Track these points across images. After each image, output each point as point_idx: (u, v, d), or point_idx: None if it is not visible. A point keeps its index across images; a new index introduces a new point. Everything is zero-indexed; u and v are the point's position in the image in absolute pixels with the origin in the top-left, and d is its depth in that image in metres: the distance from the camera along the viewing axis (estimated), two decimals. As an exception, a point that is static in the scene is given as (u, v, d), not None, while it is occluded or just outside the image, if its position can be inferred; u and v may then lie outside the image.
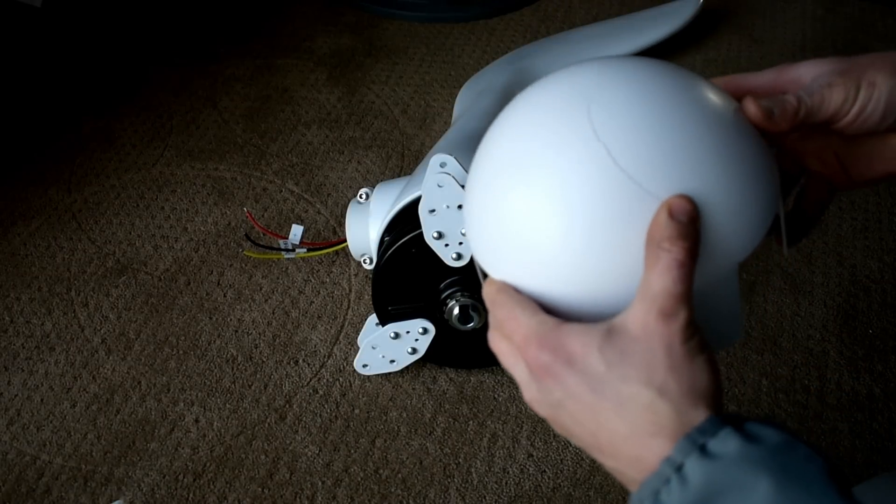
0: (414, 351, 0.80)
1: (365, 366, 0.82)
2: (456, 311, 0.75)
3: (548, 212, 0.37)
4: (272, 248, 0.94)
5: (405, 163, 1.10)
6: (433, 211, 0.69)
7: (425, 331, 0.78)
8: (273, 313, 0.91)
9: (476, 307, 0.75)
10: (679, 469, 0.33)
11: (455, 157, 0.70)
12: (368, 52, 1.32)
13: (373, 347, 0.80)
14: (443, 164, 0.69)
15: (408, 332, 0.78)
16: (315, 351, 0.87)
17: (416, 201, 0.71)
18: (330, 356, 0.86)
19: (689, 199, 0.36)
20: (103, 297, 0.93)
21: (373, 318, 0.82)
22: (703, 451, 0.33)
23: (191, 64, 1.30)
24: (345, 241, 0.86)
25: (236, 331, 0.89)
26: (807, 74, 0.44)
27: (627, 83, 0.39)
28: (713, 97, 0.40)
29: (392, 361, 0.81)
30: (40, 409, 0.82)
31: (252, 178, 1.09)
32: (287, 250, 0.91)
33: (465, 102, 1.13)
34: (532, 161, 0.38)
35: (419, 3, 1.40)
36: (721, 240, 0.37)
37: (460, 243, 0.71)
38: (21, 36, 1.37)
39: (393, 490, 0.75)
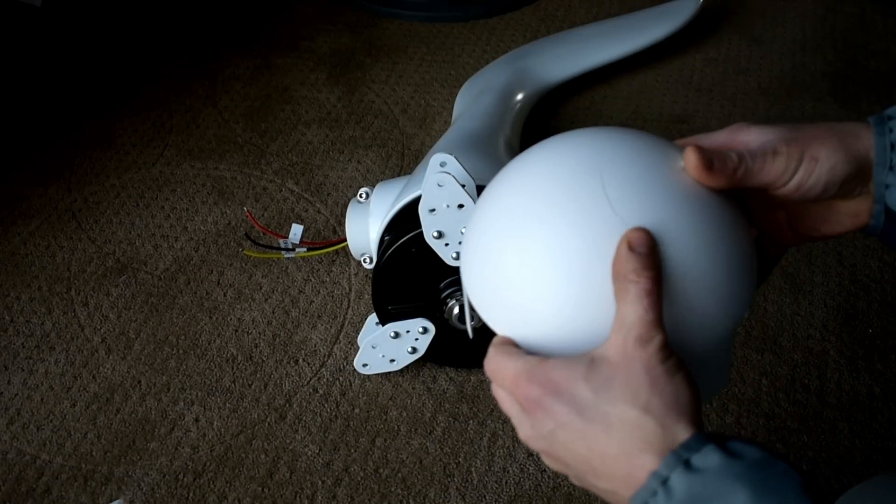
0: (414, 350, 0.80)
1: (365, 365, 0.82)
2: (456, 310, 0.75)
3: (546, 269, 0.40)
4: (272, 248, 0.94)
5: (405, 162, 1.10)
6: (433, 210, 0.69)
7: (425, 330, 0.78)
8: (273, 313, 0.91)
9: None
10: (665, 482, 0.35)
11: (455, 157, 0.70)
12: (368, 52, 1.32)
13: (373, 347, 0.80)
14: (443, 164, 0.69)
15: (408, 332, 0.78)
16: (315, 350, 0.87)
17: (416, 201, 0.71)
18: (330, 356, 0.86)
19: (646, 231, 0.39)
20: (103, 297, 0.93)
21: (373, 318, 0.82)
22: (687, 465, 0.35)
23: (191, 63, 1.30)
24: (345, 240, 0.86)
25: (236, 330, 0.89)
26: (756, 140, 0.45)
27: (635, 162, 0.42)
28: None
29: (392, 361, 0.81)
30: (40, 408, 0.82)
31: (252, 177, 1.09)
32: (287, 250, 0.91)
33: (465, 102, 1.13)
34: (548, 223, 0.41)
35: (419, 2, 1.40)
36: (716, 311, 0.40)
37: (460, 242, 0.71)
38: (21, 35, 1.37)
39: (393, 489, 0.75)
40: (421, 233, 0.71)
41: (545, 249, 0.40)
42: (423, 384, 0.83)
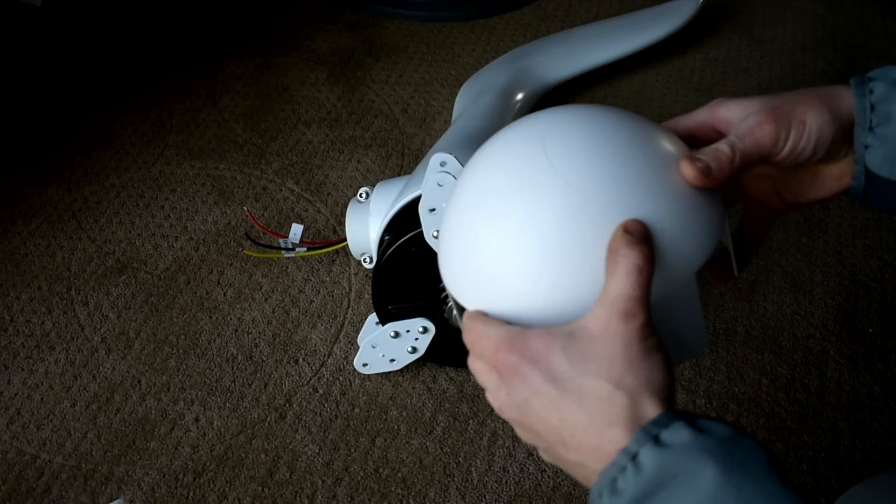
0: (414, 350, 0.80)
1: (365, 364, 0.82)
2: (456, 309, 0.75)
3: (515, 239, 0.41)
4: (272, 248, 0.94)
5: (405, 162, 1.10)
6: (433, 210, 0.69)
7: (425, 330, 0.78)
8: (273, 312, 0.91)
9: None
10: (634, 458, 0.35)
11: (455, 156, 0.69)
12: (368, 52, 1.32)
13: (373, 346, 0.80)
14: (443, 164, 0.69)
15: (408, 331, 0.78)
16: (315, 350, 0.87)
17: (417, 200, 0.71)
18: (330, 355, 0.86)
19: (641, 222, 0.39)
20: (103, 297, 0.93)
21: (373, 317, 0.82)
22: (656, 441, 0.35)
23: (191, 63, 1.30)
24: (345, 240, 0.86)
25: (236, 330, 0.89)
26: (738, 114, 0.45)
27: (579, 125, 0.43)
28: (661, 137, 0.44)
29: (392, 360, 0.81)
30: (40, 408, 0.82)
31: (252, 177, 1.09)
32: (287, 249, 0.91)
33: (465, 101, 1.13)
34: (498, 194, 0.42)
35: (419, 2, 1.40)
36: (672, 254, 0.40)
37: None
38: (21, 35, 1.37)
39: (393, 489, 0.75)
40: (421, 232, 0.71)
41: (515, 225, 0.41)
42: (423, 384, 0.83)
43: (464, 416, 0.80)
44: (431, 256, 0.72)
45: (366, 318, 0.85)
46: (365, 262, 0.83)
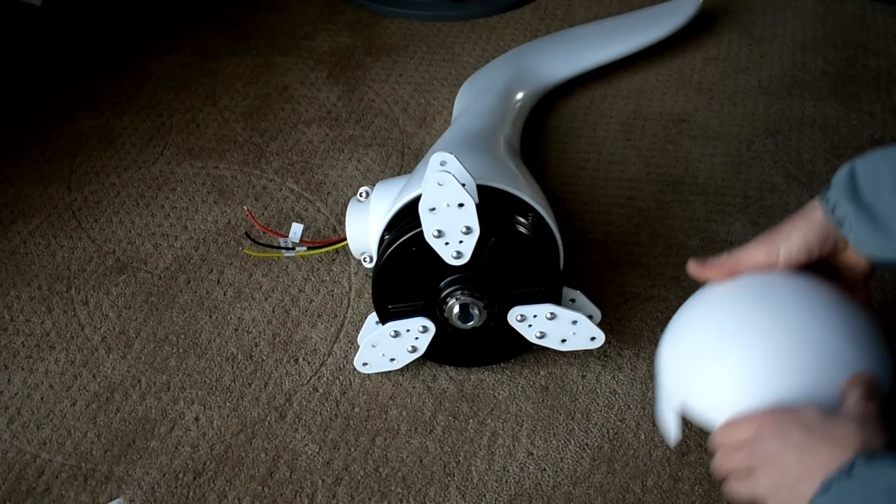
0: (414, 349, 0.80)
1: (365, 364, 0.82)
2: (456, 309, 0.75)
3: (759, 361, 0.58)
4: (272, 247, 0.94)
5: (405, 161, 1.10)
6: (433, 209, 0.69)
7: (425, 329, 0.78)
8: (273, 312, 0.91)
9: (476, 305, 0.75)
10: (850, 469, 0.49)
11: (455, 156, 0.69)
12: (368, 51, 1.32)
13: (373, 346, 0.80)
14: (443, 163, 0.69)
15: (408, 331, 0.78)
16: (315, 349, 0.87)
17: (417, 200, 0.71)
18: (330, 355, 0.86)
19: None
20: (103, 296, 0.93)
21: (373, 317, 0.82)
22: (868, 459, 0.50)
23: (191, 62, 1.30)
24: (344, 239, 0.86)
25: (236, 329, 0.89)
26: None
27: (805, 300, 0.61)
28: (849, 305, 0.61)
29: (392, 360, 0.81)
30: (40, 407, 0.82)
31: (252, 176, 1.09)
32: (287, 249, 0.91)
33: (465, 101, 1.13)
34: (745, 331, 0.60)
35: (419, 1, 1.40)
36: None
37: (460, 241, 0.71)
38: (21, 34, 1.37)
39: (393, 488, 0.75)
40: (421, 232, 0.71)
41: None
42: (423, 383, 0.83)
43: (464, 416, 0.80)
44: (432, 256, 0.72)
45: (365, 318, 0.85)
46: (365, 261, 0.83)
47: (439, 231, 0.70)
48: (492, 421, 0.80)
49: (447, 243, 0.71)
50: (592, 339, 0.78)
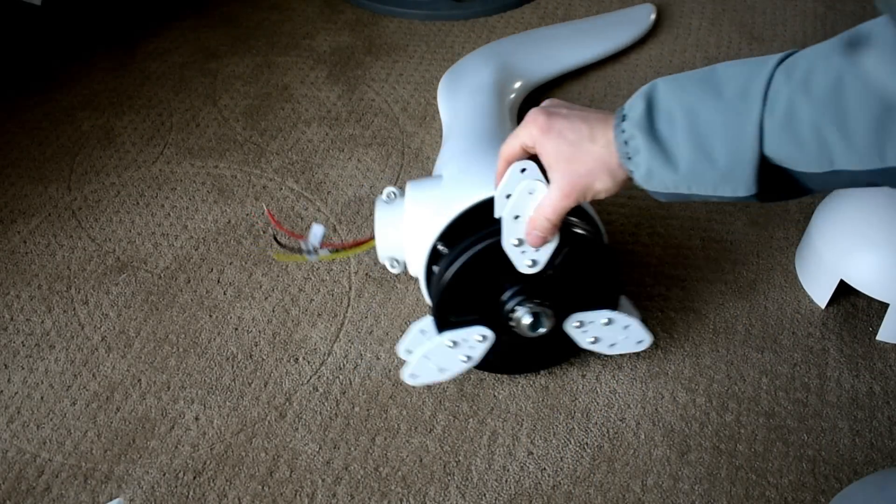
0: (468, 359, 0.77)
1: (414, 376, 0.78)
2: (528, 319, 0.72)
3: None
4: (298, 251, 0.90)
5: (405, 160, 1.10)
6: (518, 217, 0.67)
7: (483, 338, 0.75)
8: (273, 311, 0.91)
9: (545, 313, 0.72)
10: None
11: (535, 163, 0.66)
12: (368, 50, 1.32)
13: (426, 357, 0.76)
14: (523, 170, 0.66)
15: (465, 340, 0.75)
16: (315, 349, 0.87)
17: (474, 208, 0.70)
18: (330, 354, 0.86)
19: None
20: (103, 295, 0.93)
21: (416, 326, 0.78)
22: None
23: (190, 62, 1.30)
24: (370, 240, 0.82)
25: (236, 329, 0.89)
26: None
27: None
28: None
29: (442, 370, 0.78)
30: (40, 406, 0.82)
31: (252, 175, 1.09)
32: (308, 252, 0.87)
33: (455, 101, 1.10)
34: None
35: (419, 0, 1.40)
36: None
37: (536, 249, 0.69)
38: (21, 34, 1.37)
39: (393, 488, 0.75)
40: (498, 241, 0.69)
41: None
42: (423, 383, 0.83)
43: (464, 415, 0.80)
44: (500, 264, 0.70)
45: (365, 317, 0.85)
46: (393, 267, 0.80)
47: (520, 240, 0.68)
48: (492, 420, 0.80)
49: (524, 252, 0.70)
50: (639, 342, 0.78)
